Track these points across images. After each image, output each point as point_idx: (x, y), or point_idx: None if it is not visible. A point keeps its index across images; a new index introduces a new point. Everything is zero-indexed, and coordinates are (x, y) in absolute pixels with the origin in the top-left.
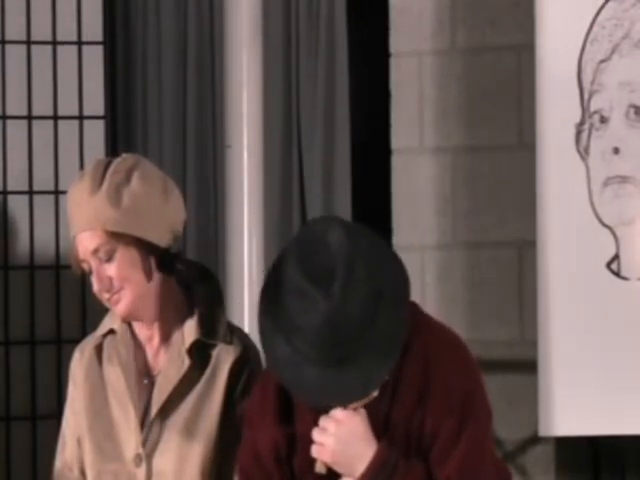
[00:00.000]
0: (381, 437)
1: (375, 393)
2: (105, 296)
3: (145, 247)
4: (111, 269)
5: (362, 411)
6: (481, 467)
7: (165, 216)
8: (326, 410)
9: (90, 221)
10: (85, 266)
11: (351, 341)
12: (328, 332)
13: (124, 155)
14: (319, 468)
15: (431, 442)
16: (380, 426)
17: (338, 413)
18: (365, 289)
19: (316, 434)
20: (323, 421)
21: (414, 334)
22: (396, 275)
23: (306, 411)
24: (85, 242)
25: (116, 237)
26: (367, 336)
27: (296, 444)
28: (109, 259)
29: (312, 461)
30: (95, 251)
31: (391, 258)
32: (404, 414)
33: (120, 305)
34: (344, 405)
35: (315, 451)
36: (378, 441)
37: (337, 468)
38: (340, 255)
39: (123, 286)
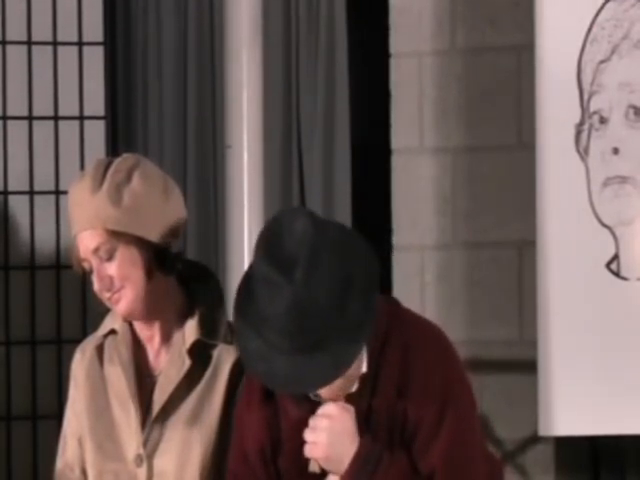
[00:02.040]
0: (364, 431)
1: (355, 387)
2: (106, 295)
3: (146, 246)
4: (112, 268)
5: (351, 408)
6: (466, 455)
7: (166, 215)
8: (312, 410)
9: (91, 220)
10: (86, 265)
11: (318, 327)
12: (293, 318)
13: (125, 155)
14: (313, 467)
15: (414, 433)
16: (362, 420)
17: (330, 408)
18: (331, 275)
19: (308, 434)
20: (314, 420)
21: (393, 327)
22: (367, 265)
23: (290, 412)
24: (86, 241)
25: (117, 236)
26: (336, 323)
27: (281, 445)
28: (110, 258)
29: (297, 462)
30: (96, 250)
31: (362, 249)
32: (385, 406)
33: (121, 304)
34: (315, 390)
35: (308, 450)
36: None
37: (327, 465)
38: (304, 242)
39: (124, 285)
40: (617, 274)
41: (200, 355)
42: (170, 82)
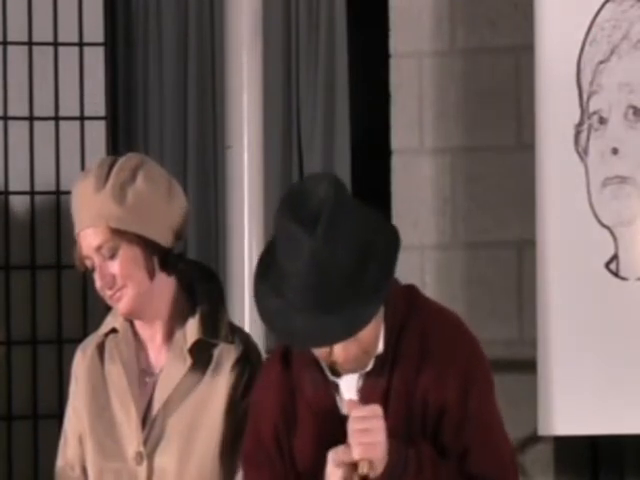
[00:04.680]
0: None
1: (370, 365)
2: (107, 293)
3: (148, 246)
4: (114, 266)
5: None
6: (493, 434)
7: (169, 216)
8: (328, 392)
9: (94, 218)
10: (88, 263)
11: (336, 285)
12: (311, 273)
13: (129, 154)
14: (365, 469)
15: (437, 414)
16: (381, 401)
17: (376, 408)
18: (351, 236)
19: (361, 436)
20: (365, 422)
21: (412, 312)
22: (387, 235)
23: (306, 391)
24: (89, 238)
25: (119, 234)
26: (353, 283)
27: (296, 426)
28: (112, 256)
29: (311, 444)
30: (98, 248)
31: (382, 221)
32: (405, 388)
33: (122, 302)
34: (331, 344)
35: (364, 451)
36: None
37: (380, 465)
38: (327, 202)
39: (125, 283)
40: (616, 274)
41: (201, 354)
42: (170, 82)
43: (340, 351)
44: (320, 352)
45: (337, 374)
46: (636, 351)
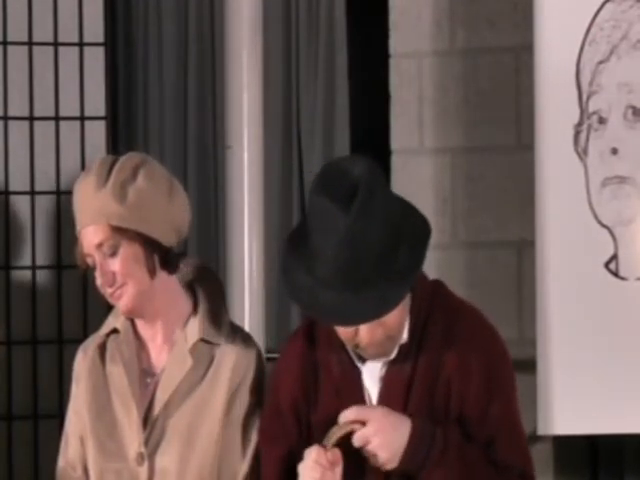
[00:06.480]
0: (404, 400)
1: (394, 353)
2: (108, 291)
3: (149, 244)
4: (115, 264)
5: (378, 407)
6: (517, 424)
7: (169, 215)
8: (352, 375)
9: (94, 216)
10: (90, 261)
11: (367, 264)
12: (344, 250)
13: (130, 153)
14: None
15: (460, 406)
16: (403, 389)
17: (369, 411)
18: (384, 217)
19: (379, 451)
20: (361, 436)
21: (437, 304)
22: (419, 222)
23: (334, 370)
24: (90, 236)
25: (120, 232)
26: (384, 264)
27: (317, 400)
28: (113, 254)
29: (330, 419)
30: (99, 245)
31: (415, 209)
32: (427, 378)
33: (122, 300)
34: (357, 324)
35: (388, 460)
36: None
37: (394, 460)
38: (363, 181)
39: (126, 281)
40: (616, 274)
41: (202, 354)
42: (170, 83)
43: (365, 333)
44: (345, 333)
45: (361, 360)
46: (636, 351)
